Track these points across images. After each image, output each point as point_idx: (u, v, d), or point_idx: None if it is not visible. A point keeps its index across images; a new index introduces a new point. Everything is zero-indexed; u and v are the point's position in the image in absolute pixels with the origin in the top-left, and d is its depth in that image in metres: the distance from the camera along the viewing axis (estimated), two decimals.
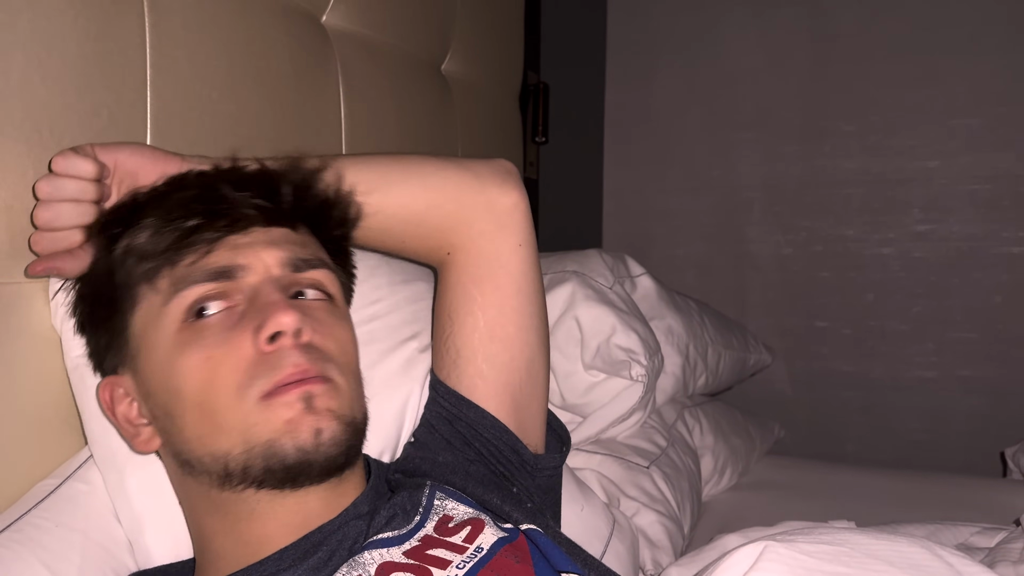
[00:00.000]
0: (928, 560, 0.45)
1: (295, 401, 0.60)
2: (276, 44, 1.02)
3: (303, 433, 0.59)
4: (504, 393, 0.77)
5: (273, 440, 0.59)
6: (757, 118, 2.21)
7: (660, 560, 1.07)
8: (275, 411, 0.59)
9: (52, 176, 0.66)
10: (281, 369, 0.60)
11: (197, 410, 0.61)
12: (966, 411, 2.05)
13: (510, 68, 1.73)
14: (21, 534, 0.66)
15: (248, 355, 0.60)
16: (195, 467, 0.63)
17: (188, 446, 0.62)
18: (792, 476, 1.55)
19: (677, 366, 1.35)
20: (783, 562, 0.44)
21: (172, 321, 0.62)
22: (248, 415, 0.59)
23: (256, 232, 0.65)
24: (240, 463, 0.60)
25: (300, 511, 0.63)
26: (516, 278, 0.78)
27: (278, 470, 0.60)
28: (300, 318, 0.61)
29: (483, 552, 0.61)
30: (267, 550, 0.62)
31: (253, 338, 0.60)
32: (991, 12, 1.99)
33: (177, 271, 0.62)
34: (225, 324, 0.61)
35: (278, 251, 0.65)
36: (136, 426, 0.65)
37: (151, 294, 0.63)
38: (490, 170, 0.80)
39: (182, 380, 0.61)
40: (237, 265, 0.63)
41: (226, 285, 0.62)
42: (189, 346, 0.61)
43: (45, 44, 0.71)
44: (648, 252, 2.25)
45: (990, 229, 2.02)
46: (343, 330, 0.67)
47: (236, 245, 0.63)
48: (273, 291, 0.63)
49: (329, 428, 0.60)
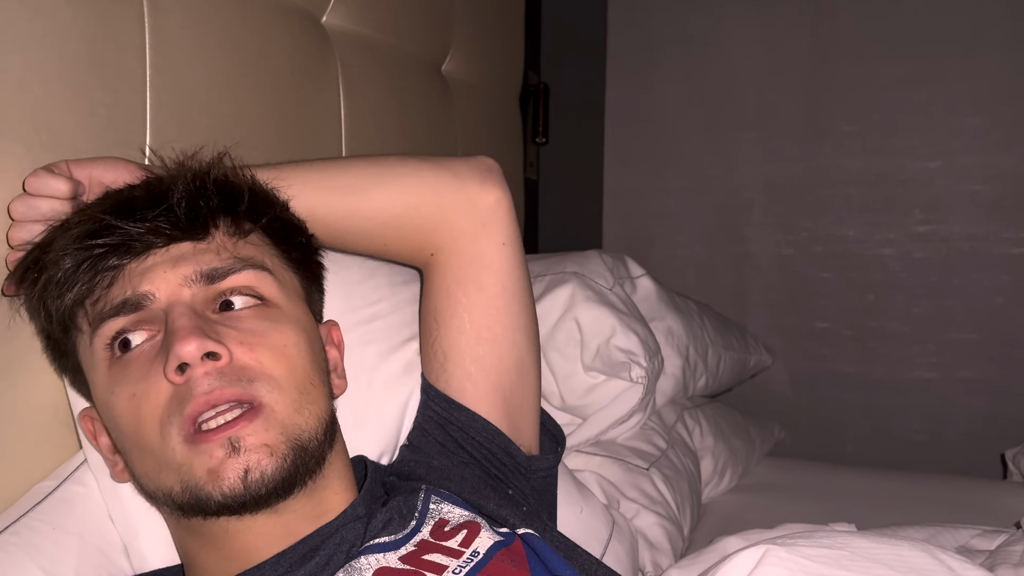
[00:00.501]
0: (929, 564, 0.45)
1: (216, 448, 0.56)
2: (276, 44, 1.01)
3: (228, 479, 0.56)
4: (494, 395, 0.76)
5: (199, 487, 0.56)
6: (758, 118, 2.21)
7: (660, 562, 1.06)
8: (197, 457, 0.56)
9: (26, 196, 0.64)
10: (189, 402, 0.56)
11: (135, 448, 0.60)
12: (967, 412, 2.04)
13: (510, 68, 1.72)
14: (18, 537, 0.66)
15: (165, 389, 0.57)
16: (153, 499, 0.63)
17: (142, 480, 0.62)
18: (792, 478, 1.54)
19: (677, 367, 1.34)
20: (784, 566, 0.44)
21: (101, 359, 0.61)
22: (175, 455, 0.57)
23: (155, 254, 0.61)
24: (183, 499, 0.58)
25: (277, 523, 0.61)
26: (501, 278, 0.77)
27: (214, 510, 0.57)
28: (204, 342, 0.56)
29: (479, 556, 0.61)
30: (255, 559, 0.62)
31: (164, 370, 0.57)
32: (993, 11, 1.98)
33: (89, 309, 0.61)
34: (147, 356, 0.59)
35: (181, 268, 0.61)
36: (113, 455, 0.66)
37: (79, 334, 0.63)
38: (470, 168, 0.79)
39: (118, 418, 0.60)
40: (140, 294, 0.60)
41: (139, 316, 0.60)
42: (118, 383, 0.59)
43: (43, 44, 0.71)
44: (648, 252, 2.24)
45: (991, 230, 2.02)
46: (280, 334, 0.62)
47: (137, 272, 0.60)
48: (180, 315, 0.58)
49: (258, 467, 0.56)
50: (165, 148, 0.83)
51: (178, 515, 0.62)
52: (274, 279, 0.65)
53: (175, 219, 0.61)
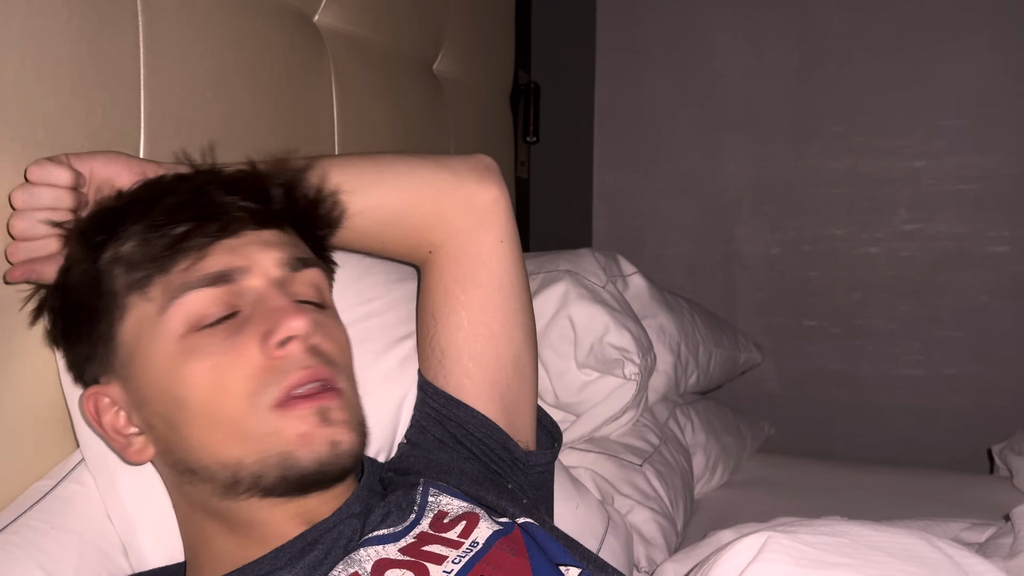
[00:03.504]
0: (927, 551, 0.46)
1: (309, 415, 0.59)
2: (269, 43, 1.01)
3: (318, 446, 0.59)
4: (492, 391, 0.76)
5: (290, 452, 0.59)
6: (746, 119, 2.23)
7: (654, 557, 1.07)
8: (289, 423, 0.59)
9: (27, 185, 0.64)
10: (291, 374, 0.59)
11: (204, 419, 0.60)
12: (953, 409, 2.07)
13: (501, 67, 1.73)
14: (17, 536, 0.66)
15: (257, 361, 0.59)
16: (198, 475, 0.61)
17: (193, 455, 0.61)
18: (782, 474, 1.56)
19: (669, 364, 1.35)
20: (786, 552, 0.44)
21: (171, 329, 0.60)
22: (261, 424, 0.59)
23: (248, 234, 0.64)
24: (252, 471, 0.59)
25: (300, 514, 0.63)
26: (498, 275, 0.78)
27: (294, 479, 0.60)
28: (310, 321, 0.61)
29: (479, 546, 0.61)
30: (266, 550, 0.62)
31: (261, 344, 0.60)
32: (976, 15, 2.01)
33: (171, 278, 0.60)
34: (229, 330, 0.60)
35: (274, 252, 0.64)
36: (126, 436, 0.64)
37: (142, 302, 0.61)
38: (468, 166, 0.79)
39: (187, 389, 0.59)
40: (235, 268, 0.61)
41: (226, 289, 0.61)
42: (193, 354, 0.59)
43: (40, 44, 0.71)
44: (638, 252, 2.26)
45: (976, 229, 2.04)
46: (339, 330, 0.67)
47: (230, 248, 0.62)
48: (278, 295, 0.62)
49: (346, 439, 0.61)
50: (160, 147, 0.83)
51: (215, 495, 0.61)
52: (328, 280, 0.70)
53: (272, 207, 0.65)
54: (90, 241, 0.62)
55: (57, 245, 0.65)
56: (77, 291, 0.63)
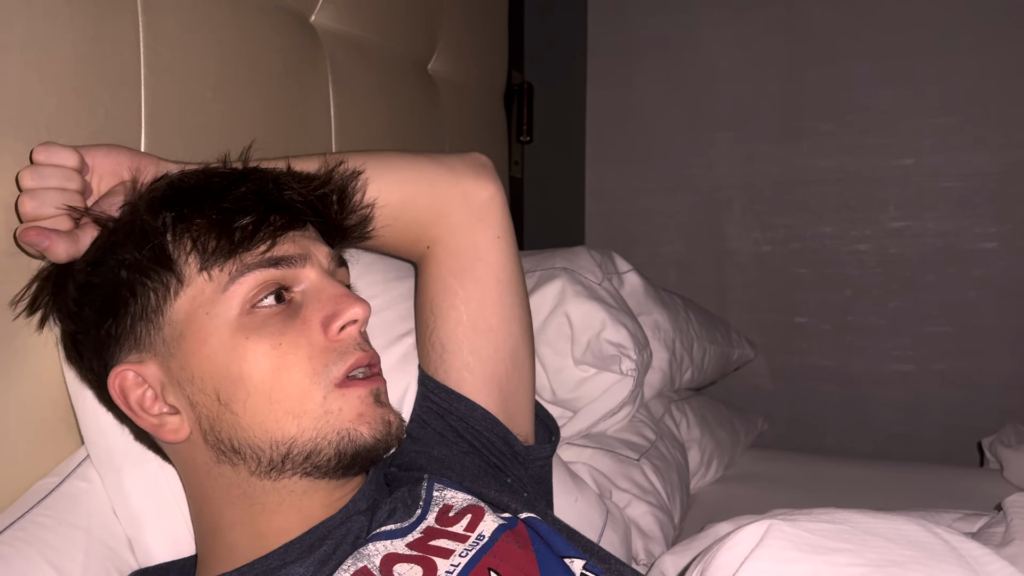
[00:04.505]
0: (925, 537, 0.47)
1: (367, 395, 0.63)
2: (267, 44, 1.02)
3: (377, 423, 0.63)
4: (491, 384, 0.78)
5: (350, 428, 0.62)
6: (736, 118, 2.24)
7: (652, 550, 1.08)
8: (349, 401, 0.62)
9: (35, 166, 0.65)
10: (351, 355, 0.63)
11: (262, 396, 0.61)
12: (943, 403, 2.09)
13: (495, 67, 1.74)
14: (25, 532, 0.66)
15: (319, 342, 0.62)
16: (241, 454, 0.62)
17: (243, 432, 0.61)
18: (776, 468, 1.57)
19: (664, 361, 1.36)
20: (788, 539, 0.45)
21: (231, 307, 0.61)
22: (324, 401, 0.62)
23: (309, 229, 0.67)
24: (306, 448, 0.61)
25: (323, 502, 0.65)
26: (496, 270, 0.79)
27: (347, 456, 0.62)
28: (369, 310, 0.64)
29: (485, 540, 0.62)
30: (280, 542, 0.63)
31: (322, 327, 0.63)
32: (962, 14, 2.03)
33: (241, 259, 0.62)
34: (287, 312, 0.63)
35: (323, 247, 0.67)
36: (157, 416, 0.63)
37: (201, 280, 0.62)
38: (464, 164, 0.81)
39: (249, 366, 0.61)
40: (298, 255, 0.64)
41: (285, 273, 0.63)
42: (255, 332, 0.61)
43: (42, 44, 0.72)
44: (630, 250, 2.25)
45: (963, 225, 2.06)
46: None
47: (295, 239, 0.65)
48: (335, 284, 0.65)
49: (395, 421, 0.65)
50: (160, 145, 0.84)
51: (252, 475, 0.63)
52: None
53: (330, 204, 0.69)
54: (158, 217, 0.62)
55: (69, 224, 0.64)
56: (129, 266, 0.62)
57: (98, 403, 0.71)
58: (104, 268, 0.63)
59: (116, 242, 0.63)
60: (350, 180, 0.72)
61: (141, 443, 0.72)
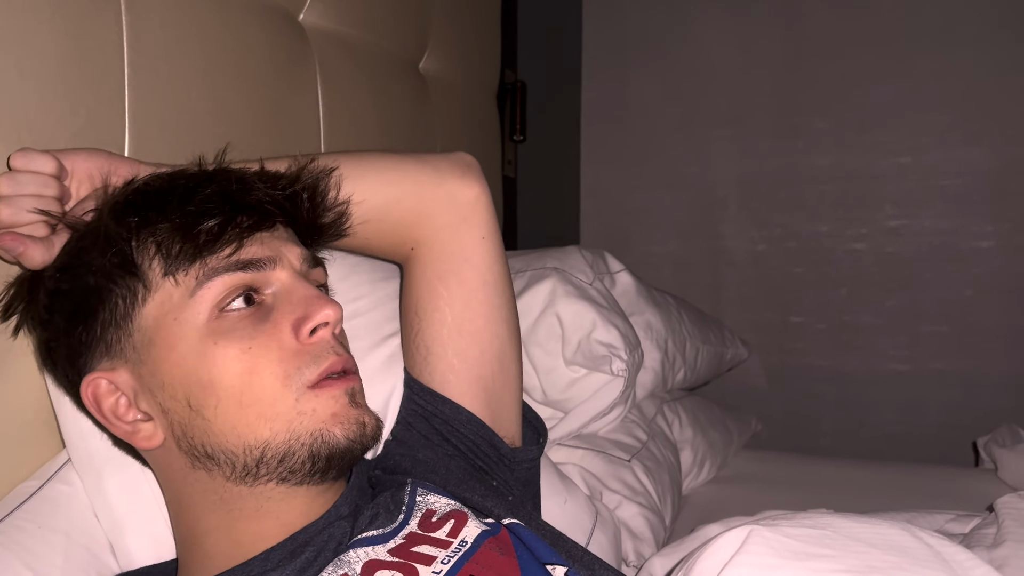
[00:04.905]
0: (908, 541, 0.46)
1: (341, 395, 0.62)
2: (254, 42, 1.01)
3: (351, 424, 0.62)
4: (477, 387, 0.77)
5: (323, 429, 0.61)
6: (732, 115, 2.23)
7: (642, 552, 1.08)
8: (323, 401, 0.62)
9: (12, 172, 0.64)
10: (325, 359, 0.62)
11: (233, 400, 0.60)
12: (939, 403, 2.08)
13: (487, 66, 1.73)
14: (4, 536, 0.66)
15: (289, 345, 0.62)
16: (216, 460, 0.61)
17: (216, 438, 0.61)
18: (769, 469, 1.56)
19: (656, 361, 1.36)
20: (768, 545, 0.45)
21: (199, 312, 0.60)
22: (296, 403, 0.61)
23: (279, 229, 0.66)
24: (279, 451, 0.61)
25: (301, 509, 0.64)
26: (481, 271, 0.78)
27: (321, 459, 0.61)
28: (340, 311, 0.63)
29: (467, 546, 0.61)
30: (258, 549, 0.62)
31: (292, 330, 0.62)
32: (960, 10, 2.02)
33: (207, 263, 0.61)
34: (257, 315, 0.62)
35: (295, 247, 0.66)
36: (131, 423, 0.63)
37: (169, 285, 0.61)
38: (449, 164, 0.80)
39: (219, 371, 0.60)
40: (267, 258, 0.63)
41: (255, 276, 0.62)
42: (224, 337, 0.60)
43: (22, 43, 0.71)
44: (625, 249, 2.26)
45: (961, 224, 2.06)
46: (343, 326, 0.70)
47: (262, 240, 0.64)
48: (307, 286, 0.64)
49: (370, 422, 0.64)
50: (144, 146, 0.83)
51: (228, 481, 0.62)
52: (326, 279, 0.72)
53: (300, 203, 0.68)
54: (122, 222, 0.62)
55: (45, 231, 0.64)
56: (95, 272, 0.61)
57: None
58: (72, 274, 0.63)
59: (83, 248, 0.63)
60: (321, 178, 0.70)
61: (120, 448, 0.71)
